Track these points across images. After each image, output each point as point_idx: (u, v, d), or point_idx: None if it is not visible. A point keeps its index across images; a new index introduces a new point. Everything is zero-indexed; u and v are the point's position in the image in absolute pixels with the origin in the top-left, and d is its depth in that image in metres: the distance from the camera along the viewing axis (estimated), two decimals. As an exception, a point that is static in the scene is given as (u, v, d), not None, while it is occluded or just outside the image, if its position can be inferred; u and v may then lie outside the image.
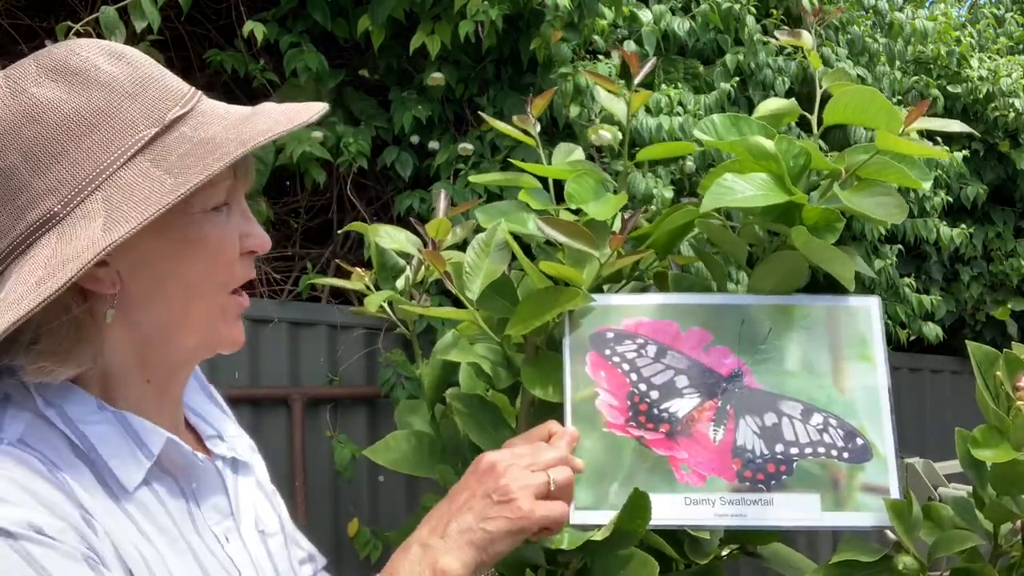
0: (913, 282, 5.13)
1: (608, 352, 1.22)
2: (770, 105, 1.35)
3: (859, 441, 1.20)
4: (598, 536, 1.13)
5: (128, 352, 0.95)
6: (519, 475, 1.04)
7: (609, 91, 1.40)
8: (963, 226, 5.23)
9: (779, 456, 1.19)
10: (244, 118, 0.94)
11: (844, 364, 1.22)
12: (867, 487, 1.18)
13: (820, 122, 1.30)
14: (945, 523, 1.27)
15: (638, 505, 1.12)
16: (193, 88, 0.96)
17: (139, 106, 0.91)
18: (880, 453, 1.19)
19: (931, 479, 3.86)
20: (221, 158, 0.88)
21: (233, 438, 1.11)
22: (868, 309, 1.25)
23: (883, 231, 4.79)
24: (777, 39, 1.41)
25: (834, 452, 1.19)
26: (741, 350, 1.22)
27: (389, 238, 1.36)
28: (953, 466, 3.88)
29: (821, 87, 1.34)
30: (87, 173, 0.88)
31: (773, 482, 1.18)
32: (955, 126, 1.31)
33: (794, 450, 1.19)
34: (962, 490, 3.08)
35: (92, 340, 0.92)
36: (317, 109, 0.96)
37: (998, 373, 1.23)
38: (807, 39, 1.38)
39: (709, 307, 1.24)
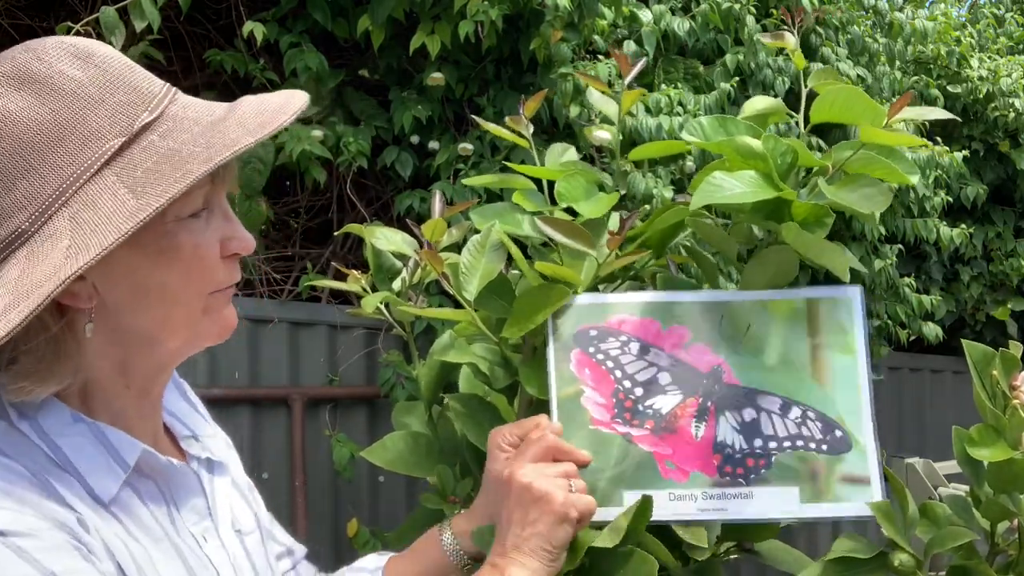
0: (913, 282, 5.13)
1: (592, 349, 1.23)
2: (756, 105, 1.35)
3: (838, 433, 1.21)
4: (605, 543, 1.13)
5: (108, 361, 0.94)
6: (541, 476, 1.09)
7: (602, 92, 1.41)
8: (963, 226, 5.23)
9: (758, 450, 1.20)
10: (215, 123, 0.90)
11: (824, 356, 1.23)
12: (846, 478, 1.20)
13: (807, 121, 1.31)
14: (941, 521, 1.27)
15: (644, 509, 1.14)
16: (167, 86, 0.93)
17: (106, 113, 0.87)
18: (859, 443, 1.20)
19: (931, 479, 3.86)
20: (184, 176, 0.85)
21: (208, 438, 1.11)
22: (849, 300, 1.25)
23: (883, 231, 4.79)
24: (761, 41, 1.42)
25: (812, 445, 1.21)
26: (721, 347, 1.24)
27: (385, 240, 1.36)
28: (953, 466, 3.88)
29: (807, 86, 1.35)
30: (53, 188, 0.86)
31: (752, 476, 1.20)
32: (934, 113, 1.32)
33: (772, 444, 1.21)
34: (962, 490, 3.09)
35: (72, 355, 0.91)
36: (294, 108, 0.92)
37: (994, 372, 1.23)
38: (790, 40, 1.39)
39: (689, 304, 1.25)
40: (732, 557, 1.41)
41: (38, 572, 0.80)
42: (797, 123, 1.37)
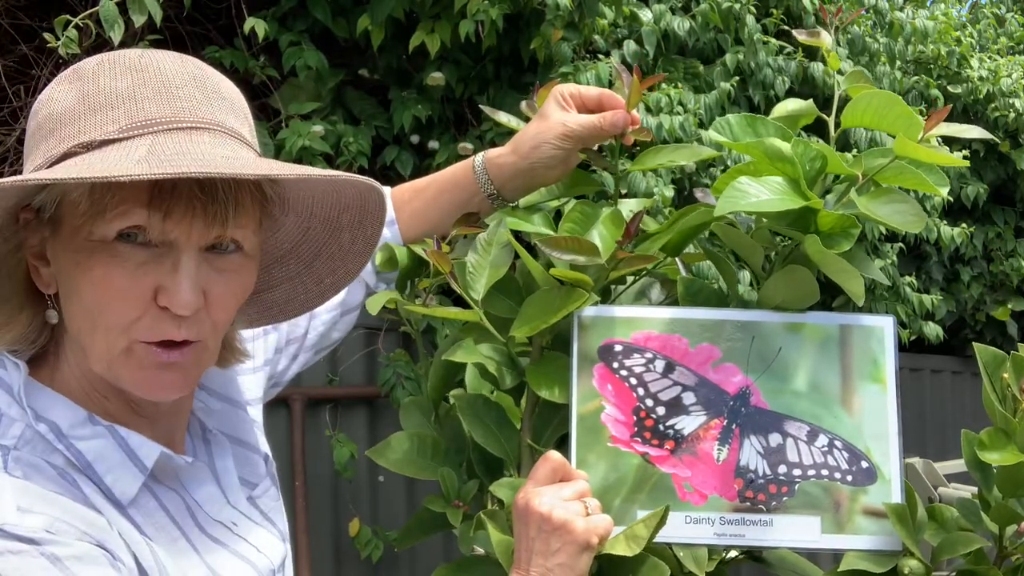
0: (914, 281, 5.13)
1: (616, 365, 1.21)
2: (787, 106, 1.33)
3: (864, 464, 1.19)
4: (624, 552, 1.12)
5: (78, 361, 0.95)
6: (558, 504, 1.07)
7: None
8: (963, 226, 5.23)
9: (781, 477, 1.19)
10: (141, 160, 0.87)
11: (854, 385, 1.21)
12: (868, 511, 1.18)
13: (837, 125, 1.28)
14: (950, 525, 1.26)
15: (662, 519, 1.12)
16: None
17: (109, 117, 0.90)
18: (885, 477, 1.19)
19: (931, 479, 3.85)
20: (65, 173, 0.83)
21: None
22: (882, 329, 1.23)
23: (883, 231, 4.78)
24: (795, 38, 1.39)
25: (837, 475, 1.19)
26: (750, 368, 1.21)
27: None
28: (953, 466, 3.87)
29: (839, 88, 1.32)
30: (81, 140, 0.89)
31: (774, 503, 1.18)
32: (973, 132, 1.29)
33: (797, 472, 1.19)
34: (962, 490, 3.07)
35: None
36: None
37: (1005, 375, 1.22)
38: (826, 39, 1.36)
39: (720, 323, 1.23)
40: (739, 564, 1.40)
41: None
42: (806, 127, 1.35)
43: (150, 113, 0.89)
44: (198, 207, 0.88)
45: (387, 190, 1.34)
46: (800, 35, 1.38)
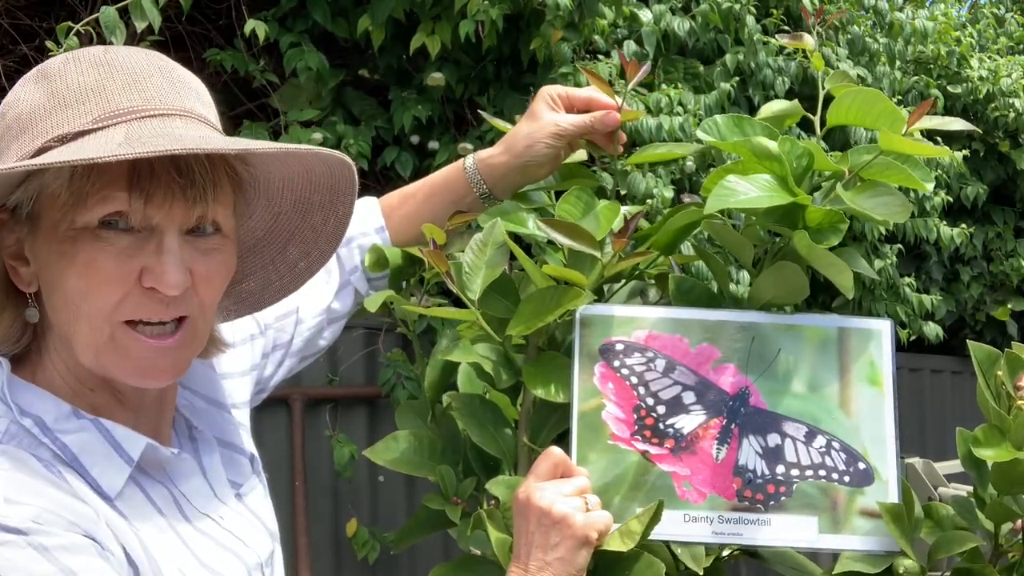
0: (913, 282, 5.13)
1: (617, 364, 1.22)
2: (773, 107, 1.34)
3: (861, 465, 1.20)
4: (618, 547, 1.13)
5: (62, 356, 0.96)
6: (558, 499, 1.08)
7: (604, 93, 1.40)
8: (963, 226, 5.23)
9: (779, 477, 1.19)
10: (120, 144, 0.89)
11: (852, 387, 1.22)
12: (865, 511, 1.19)
13: (823, 123, 1.29)
14: (945, 523, 1.26)
15: (656, 515, 1.13)
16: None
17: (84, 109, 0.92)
18: (882, 478, 1.20)
19: (931, 479, 3.86)
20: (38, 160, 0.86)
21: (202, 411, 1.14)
22: (880, 332, 1.24)
23: (883, 231, 4.79)
24: (779, 41, 1.40)
25: (835, 475, 1.20)
26: (749, 369, 1.22)
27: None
28: (953, 466, 3.87)
29: (824, 88, 1.34)
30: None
31: (772, 503, 1.19)
32: (956, 124, 1.31)
33: (795, 472, 1.19)
34: (962, 490, 3.07)
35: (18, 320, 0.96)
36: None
37: (999, 372, 1.22)
38: (809, 41, 1.37)
39: (720, 323, 1.24)
40: (736, 560, 1.41)
41: (60, 571, 0.82)
42: (801, 125, 1.36)
43: (121, 104, 0.91)
44: (177, 190, 0.90)
45: (374, 199, 1.36)
46: (783, 38, 1.39)
